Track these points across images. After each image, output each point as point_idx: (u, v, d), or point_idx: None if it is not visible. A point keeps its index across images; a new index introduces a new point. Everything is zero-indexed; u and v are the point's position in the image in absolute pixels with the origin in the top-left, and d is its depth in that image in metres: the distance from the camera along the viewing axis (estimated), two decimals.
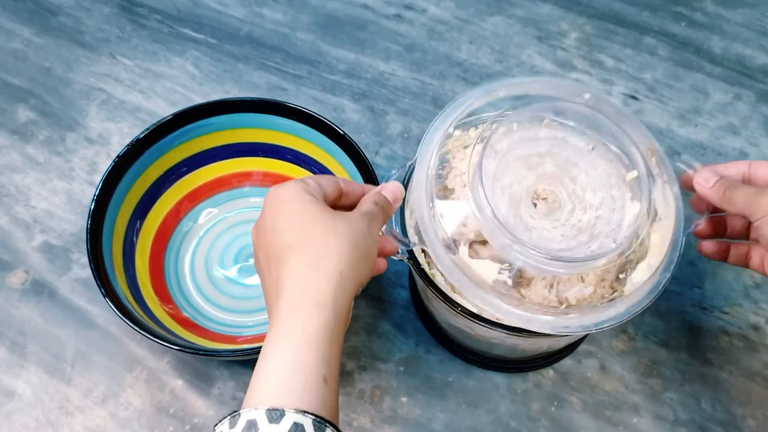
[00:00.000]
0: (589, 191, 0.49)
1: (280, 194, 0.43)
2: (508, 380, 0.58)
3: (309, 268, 0.41)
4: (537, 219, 0.47)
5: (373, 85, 0.75)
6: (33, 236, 0.65)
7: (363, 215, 0.44)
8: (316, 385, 0.38)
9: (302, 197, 0.43)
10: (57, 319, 0.61)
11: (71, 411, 0.57)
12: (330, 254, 0.41)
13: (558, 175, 0.49)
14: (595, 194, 0.48)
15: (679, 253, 0.47)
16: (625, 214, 0.47)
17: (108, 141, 0.71)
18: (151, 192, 0.62)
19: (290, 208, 0.42)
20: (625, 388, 0.58)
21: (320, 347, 0.39)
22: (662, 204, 0.48)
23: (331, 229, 0.42)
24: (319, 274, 0.40)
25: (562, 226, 0.47)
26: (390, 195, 0.47)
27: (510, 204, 0.47)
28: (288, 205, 0.43)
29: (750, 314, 0.61)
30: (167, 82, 0.75)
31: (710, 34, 0.79)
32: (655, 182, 0.49)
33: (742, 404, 0.57)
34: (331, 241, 0.41)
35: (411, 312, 0.62)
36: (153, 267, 0.61)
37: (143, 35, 0.79)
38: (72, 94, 0.74)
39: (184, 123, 0.60)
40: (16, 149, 0.70)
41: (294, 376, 0.38)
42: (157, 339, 0.51)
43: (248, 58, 0.77)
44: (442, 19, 0.80)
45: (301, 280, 0.40)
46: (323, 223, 0.42)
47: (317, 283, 0.40)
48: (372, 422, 0.57)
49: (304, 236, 0.41)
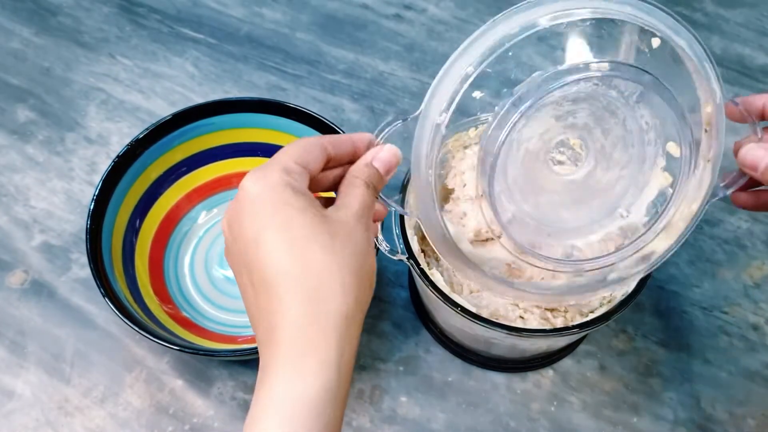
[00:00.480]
0: (620, 147, 0.43)
1: (259, 191, 0.36)
2: (507, 380, 0.58)
3: (309, 312, 0.34)
4: (550, 179, 0.43)
5: (373, 85, 0.75)
6: (32, 236, 0.65)
7: (359, 219, 0.37)
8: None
9: (286, 196, 0.35)
10: (56, 319, 0.61)
11: (70, 411, 0.57)
12: (333, 290, 0.34)
13: (589, 126, 0.42)
14: (625, 151, 0.43)
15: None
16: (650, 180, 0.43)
17: (107, 141, 0.71)
18: (151, 192, 0.62)
19: (274, 213, 0.35)
20: (625, 388, 0.58)
21: (322, 416, 0.33)
22: (694, 188, 0.43)
23: (330, 250, 0.35)
24: (321, 320, 0.34)
25: (577, 189, 0.43)
26: (383, 167, 0.40)
27: (524, 162, 0.42)
28: (270, 206, 0.35)
29: (749, 314, 0.61)
30: (167, 82, 0.75)
31: (710, 34, 0.79)
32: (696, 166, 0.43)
33: (741, 404, 0.57)
34: (333, 270, 0.34)
35: (410, 312, 0.62)
36: (152, 267, 0.61)
37: (143, 35, 0.79)
38: (71, 94, 0.74)
39: (184, 123, 0.60)
40: (16, 149, 0.70)
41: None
42: (157, 339, 0.51)
43: (248, 58, 0.77)
44: (441, 19, 0.80)
45: (300, 327, 0.34)
46: (318, 240, 0.35)
47: (320, 334, 0.34)
48: (371, 422, 0.57)
49: (297, 260, 0.34)
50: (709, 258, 0.64)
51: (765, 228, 0.66)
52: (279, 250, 0.34)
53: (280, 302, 0.34)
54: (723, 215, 0.66)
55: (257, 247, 0.35)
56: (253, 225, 0.35)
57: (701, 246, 0.65)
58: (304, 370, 0.33)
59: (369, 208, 0.39)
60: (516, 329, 0.46)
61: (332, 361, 0.34)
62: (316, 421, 0.33)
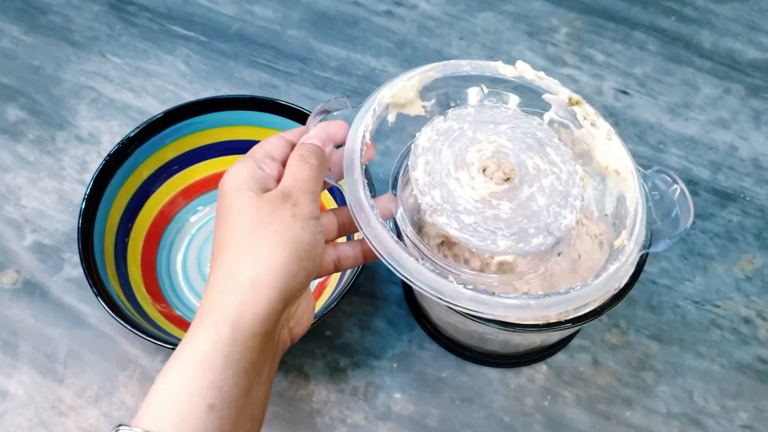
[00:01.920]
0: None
1: (226, 180, 0.41)
2: (501, 375, 0.58)
3: (224, 278, 0.37)
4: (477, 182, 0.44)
5: (365, 81, 0.75)
6: (24, 236, 0.65)
7: (286, 195, 0.39)
8: (196, 414, 0.34)
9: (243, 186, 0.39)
10: (49, 319, 0.61)
11: (64, 411, 0.57)
12: (245, 256, 0.37)
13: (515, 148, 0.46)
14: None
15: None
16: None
17: (98, 140, 0.71)
18: (143, 190, 0.62)
19: (231, 198, 0.39)
20: (618, 382, 0.58)
21: (209, 371, 0.35)
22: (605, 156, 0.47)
23: (254, 222, 0.38)
24: (228, 284, 0.37)
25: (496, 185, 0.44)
26: (318, 140, 0.43)
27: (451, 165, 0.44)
28: (231, 193, 0.39)
29: (741, 307, 0.62)
30: (157, 80, 0.75)
31: (700, 29, 0.79)
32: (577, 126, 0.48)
33: (733, 397, 0.58)
34: (249, 241, 0.38)
35: (404, 308, 0.62)
36: (145, 265, 0.61)
37: (133, 33, 0.78)
38: (62, 93, 0.74)
39: (175, 121, 0.60)
40: (6, 148, 0.70)
41: (176, 401, 0.34)
42: (150, 338, 0.51)
43: (239, 55, 0.77)
44: (432, 15, 0.80)
45: (213, 292, 0.37)
46: (246, 214, 0.38)
47: (222, 296, 0.37)
48: (366, 419, 0.57)
49: (227, 232, 0.39)
50: (700, 252, 0.64)
51: (756, 221, 0.66)
52: (219, 225, 0.39)
53: (211, 268, 0.39)
54: (714, 209, 0.67)
55: (218, 216, 0.40)
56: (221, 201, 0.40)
57: (693, 240, 0.65)
58: (198, 329, 0.36)
59: (304, 181, 0.40)
60: (510, 324, 0.46)
61: (226, 319, 0.36)
62: (201, 378, 0.35)
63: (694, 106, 0.74)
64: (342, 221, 0.45)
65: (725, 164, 0.70)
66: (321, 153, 0.42)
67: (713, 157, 0.70)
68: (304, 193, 0.40)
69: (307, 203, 0.40)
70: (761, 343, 0.60)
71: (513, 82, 0.49)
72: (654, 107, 0.74)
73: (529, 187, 0.44)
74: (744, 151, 0.71)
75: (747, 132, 0.72)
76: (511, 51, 0.77)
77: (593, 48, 0.78)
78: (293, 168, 0.41)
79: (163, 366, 0.37)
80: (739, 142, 0.71)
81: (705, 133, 0.72)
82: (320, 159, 0.42)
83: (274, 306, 0.37)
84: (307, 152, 0.42)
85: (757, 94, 0.75)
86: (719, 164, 0.70)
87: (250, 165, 0.41)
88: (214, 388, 0.35)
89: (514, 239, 0.42)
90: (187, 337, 0.37)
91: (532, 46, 0.78)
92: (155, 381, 0.36)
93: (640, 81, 0.75)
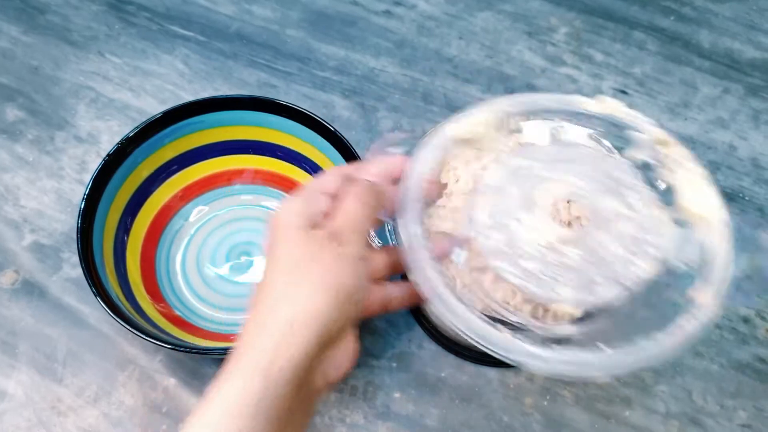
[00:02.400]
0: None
1: (276, 216, 0.39)
2: (500, 375, 0.58)
3: (263, 313, 0.36)
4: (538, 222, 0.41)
5: (364, 81, 0.75)
6: (23, 236, 0.65)
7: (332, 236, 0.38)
8: None
9: (291, 223, 0.38)
10: (48, 319, 0.60)
11: (63, 411, 0.57)
12: (285, 297, 0.36)
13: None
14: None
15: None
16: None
17: (97, 139, 0.71)
18: (142, 190, 0.62)
19: (278, 235, 0.38)
20: (617, 382, 0.58)
21: (239, 419, 0.34)
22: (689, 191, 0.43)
23: (293, 263, 0.37)
24: (266, 326, 0.36)
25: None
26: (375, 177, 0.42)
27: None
28: (279, 230, 0.39)
29: (740, 307, 0.62)
30: (156, 79, 0.75)
31: (699, 29, 0.79)
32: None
33: (733, 396, 0.58)
34: (289, 281, 0.36)
35: None
36: (144, 265, 0.61)
37: (132, 33, 0.78)
38: (61, 93, 0.74)
39: (174, 121, 0.60)
40: (5, 148, 0.70)
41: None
42: (150, 338, 0.51)
43: (238, 55, 0.77)
44: (431, 14, 0.80)
45: (249, 327, 0.36)
46: (291, 254, 0.37)
47: (258, 338, 0.35)
48: (365, 418, 0.57)
49: (274, 272, 0.37)
50: None
51: (755, 221, 0.66)
52: (267, 262, 0.39)
53: (253, 306, 0.37)
54: None
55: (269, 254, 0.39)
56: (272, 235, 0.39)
57: None
58: (232, 371, 0.35)
59: (354, 220, 0.39)
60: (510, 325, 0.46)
61: (259, 363, 0.35)
62: (230, 425, 0.33)
63: (693, 106, 0.74)
64: (394, 260, 0.44)
65: (724, 164, 0.70)
66: (376, 191, 0.41)
67: (712, 157, 0.70)
68: (352, 231, 0.39)
69: (354, 243, 0.38)
70: (760, 343, 0.60)
71: (596, 118, 0.46)
72: (653, 107, 0.74)
73: (600, 231, 0.41)
74: (743, 150, 0.71)
75: (746, 132, 0.72)
76: (511, 51, 0.77)
77: (592, 48, 0.78)
78: (345, 205, 0.40)
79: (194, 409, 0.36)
80: (738, 141, 0.71)
81: (704, 133, 0.72)
82: (375, 197, 0.40)
83: (309, 350, 0.36)
84: (362, 190, 0.40)
85: (756, 93, 0.75)
86: (718, 164, 0.70)
87: (300, 201, 0.40)
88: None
89: (577, 288, 0.40)
90: (220, 380, 0.35)
91: (531, 45, 0.78)
92: (185, 424, 0.35)
93: (639, 81, 0.75)
